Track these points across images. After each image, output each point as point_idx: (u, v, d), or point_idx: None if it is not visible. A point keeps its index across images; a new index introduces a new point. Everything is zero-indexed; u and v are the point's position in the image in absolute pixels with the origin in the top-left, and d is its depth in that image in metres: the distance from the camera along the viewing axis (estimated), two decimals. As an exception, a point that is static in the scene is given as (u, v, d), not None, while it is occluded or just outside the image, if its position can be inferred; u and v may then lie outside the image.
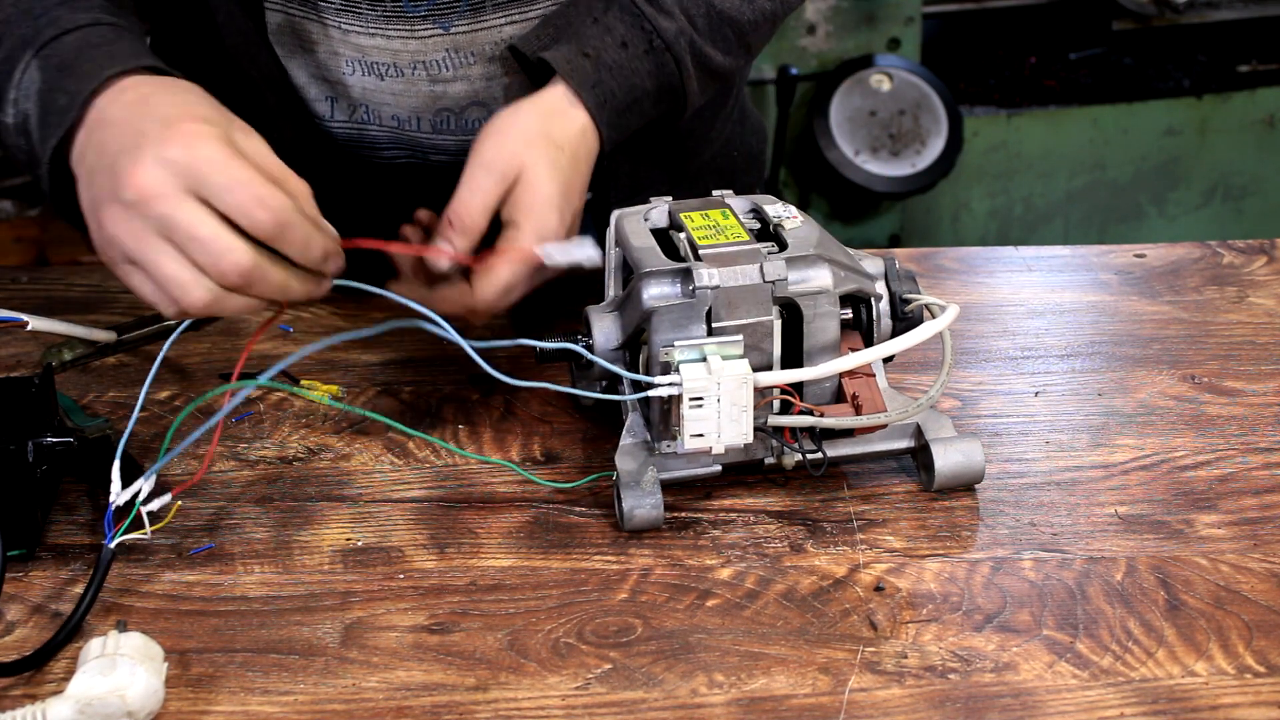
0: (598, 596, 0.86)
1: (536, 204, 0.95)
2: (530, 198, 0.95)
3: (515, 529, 0.91)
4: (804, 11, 2.80)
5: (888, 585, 0.86)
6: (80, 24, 0.92)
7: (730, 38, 1.08)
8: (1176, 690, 0.79)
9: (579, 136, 1.00)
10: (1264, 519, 0.92)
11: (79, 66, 0.89)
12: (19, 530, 0.88)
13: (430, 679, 0.80)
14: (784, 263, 0.88)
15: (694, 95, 1.07)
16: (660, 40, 1.03)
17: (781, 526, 0.91)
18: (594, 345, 0.93)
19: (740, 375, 0.86)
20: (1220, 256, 1.23)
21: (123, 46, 0.91)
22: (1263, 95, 3.02)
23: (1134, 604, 0.85)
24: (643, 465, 0.91)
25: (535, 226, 0.95)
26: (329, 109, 1.13)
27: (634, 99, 1.03)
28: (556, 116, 0.99)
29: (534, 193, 0.95)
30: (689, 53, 1.04)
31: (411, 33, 1.07)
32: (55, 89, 0.89)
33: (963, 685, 0.79)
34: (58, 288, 1.19)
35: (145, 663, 0.77)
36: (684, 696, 0.79)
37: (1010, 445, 0.99)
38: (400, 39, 1.07)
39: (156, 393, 1.05)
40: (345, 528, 0.92)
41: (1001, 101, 3.00)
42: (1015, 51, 3.13)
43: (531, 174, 0.95)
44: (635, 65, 1.02)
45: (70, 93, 0.88)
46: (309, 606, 0.85)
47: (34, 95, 0.90)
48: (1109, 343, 1.11)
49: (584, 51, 1.02)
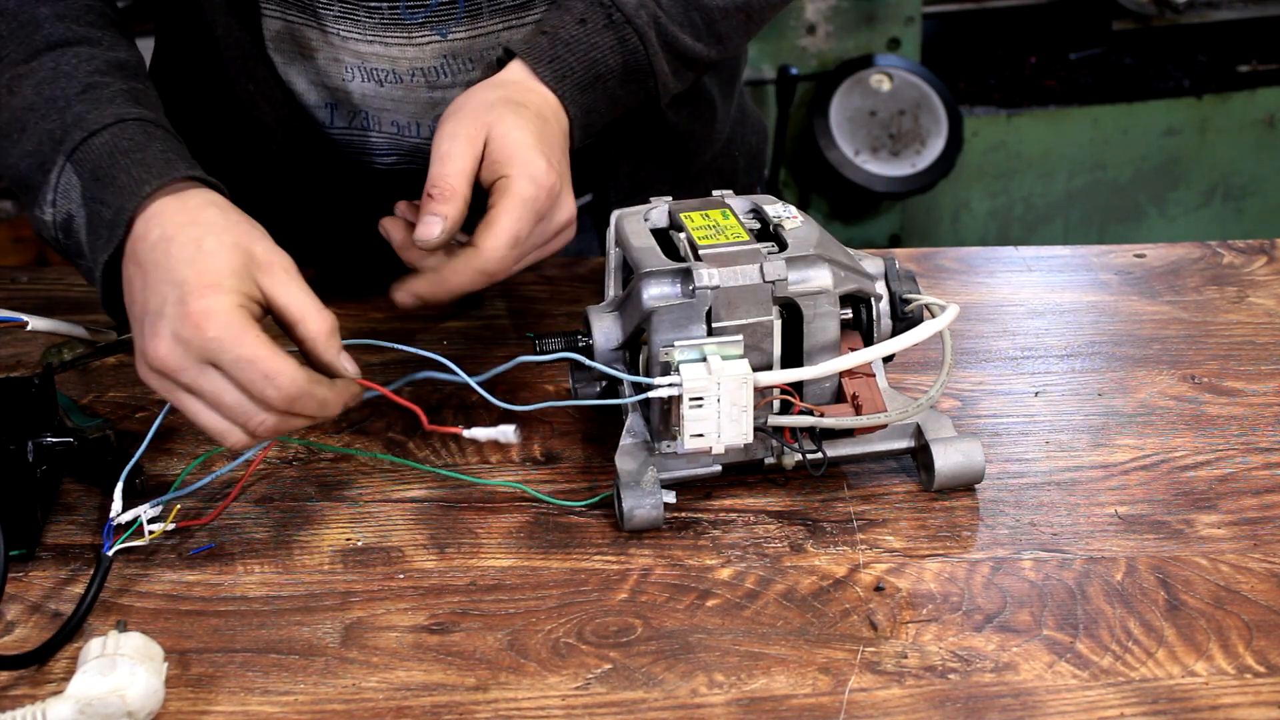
0: (598, 596, 0.86)
1: (516, 151, 0.93)
2: (507, 148, 0.93)
3: (515, 529, 0.91)
4: (804, 11, 2.80)
5: (888, 585, 0.86)
6: (106, 123, 0.92)
7: (699, 23, 1.06)
8: (1176, 690, 0.79)
9: (541, 101, 0.98)
10: (1264, 519, 0.92)
11: (115, 178, 0.90)
12: (19, 530, 0.88)
13: (430, 679, 0.80)
14: (784, 263, 0.88)
15: (664, 75, 1.05)
16: (620, 13, 1.02)
17: (781, 526, 0.91)
18: (594, 345, 0.93)
19: (740, 375, 0.86)
20: (1220, 256, 1.23)
21: (153, 152, 0.91)
22: (1263, 95, 3.02)
23: (1134, 604, 0.85)
24: (643, 465, 0.91)
25: (521, 170, 0.92)
26: (328, 115, 1.13)
27: (596, 75, 1.01)
28: (514, 86, 0.98)
29: (509, 142, 0.93)
30: (653, 28, 1.03)
31: (409, 40, 1.07)
32: (98, 200, 0.90)
33: (963, 685, 0.79)
34: (58, 288, 1.19)
35: (145, 663, 0.77)
36: (684, 696, 0.79)
37: (1010, 445, 0.99)
38: (398, 46, 1.07)
39: (154, 391, 1.05)
40: (345, 528, 0.92)
41: (1001, 101, 3.00)
42: (1015, 51, 3.13)
43: (500, 128, 0.93)
44: (595, 39, 1.01)
45: (113, 207, 0.89)
46: (309, 606, 0.85)
47: (77, 199, 0.91)
48: (1109, 343, 1.11)
49: (541, 30, 1.01)
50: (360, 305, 1.14)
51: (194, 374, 0.83)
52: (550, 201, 0.94)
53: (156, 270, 0.85)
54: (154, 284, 0.85)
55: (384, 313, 1.14)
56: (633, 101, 1.05)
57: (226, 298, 0.83)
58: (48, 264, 2.42)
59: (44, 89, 0.94)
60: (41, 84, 0.94)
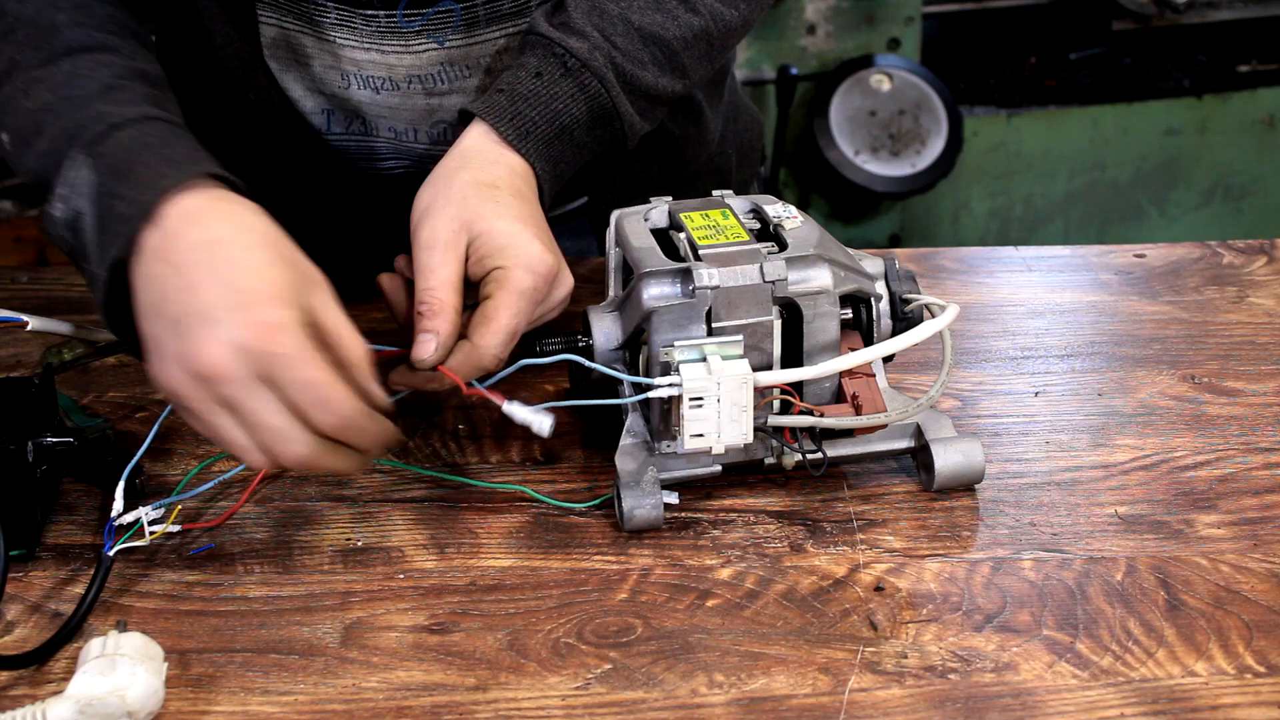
0: (598, 596, 0.86)
1: (508, 243, 0.90)
2: (496, 240, 0.90)
3: (515, 529, 0.91)
4: (804, 11, 2.80)
5: (888, 585, 0.86)
6: (130, 118, 0.88)
7: (659, 56, 1.03)
8: (1176, 690, 0.79)
9: (509, 174, 0.95)
10: (1264, 519, 0.92)
11: (137, 172, 0.85)
12: (19, 530, 0.88)
13: (430, 679, 0.80)
14: (784, 263, 0.88)
15: (629, 116, 1.02)
16: (574, 59, 0.99)
17: (781, 526, 0.91)
18: (594, 345, 0.93)
19: (740, 375, 0.86)
20: (1220, 256, 1.23)
21: (179, 149, 0.88)
22: (1263, 95, 3.02)
23: (1134, 604, 0.85)
24: (643, 465, 0.91)
25: (516, 261, 0.89)
26: (325, 121, 1.13)
27: (561, 126, 0.98)
28: (479, 159, 0.95)
29: (496, 234, 0.90)
30: (610, 68, 1.00)
31: (406, 47, 1.07)
32: (114, 195, 0.85)
33: (963, 685, 0.79)
34: (58, 288, 1.19)
35: (145, 663, 0.77)
36: (684, 696, 0.79)
37: (1010, 445, 0.99)
38: (395, 54, 1.07)
39: (156, 392, 1.05)
40: (345, 528, 0.92)
41: (1001, 101, 3.00)
42: (1015, 51, 3.13)
43: (481, 224, 0.90)
44: (554, 90, 0.98)
45: (131, 201, 0.84)
46: (309, 607, 0.85)
47: (89, 195, 0.86)
48: (1109, 343, 1.11)
49: (498, 89, 0.98)
50: (361, 306, 1.14)
51: (242, 387, 0.79)
52: (549, 285, 0.91)
53: (201, 271, 0.80)
54: (200, 286, 0.80)
55: (384, 313, 1.14)
56: (599, 147, 1.03)
57: (293, 313, 0.80)
58: (48, 264, 2.43)
59: (60, 90, 0.91)
60: (58, 86, 0.91)
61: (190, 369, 0.79)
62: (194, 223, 0.82)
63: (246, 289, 0.80)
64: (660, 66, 1.03)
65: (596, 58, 0.99)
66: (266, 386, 0.79)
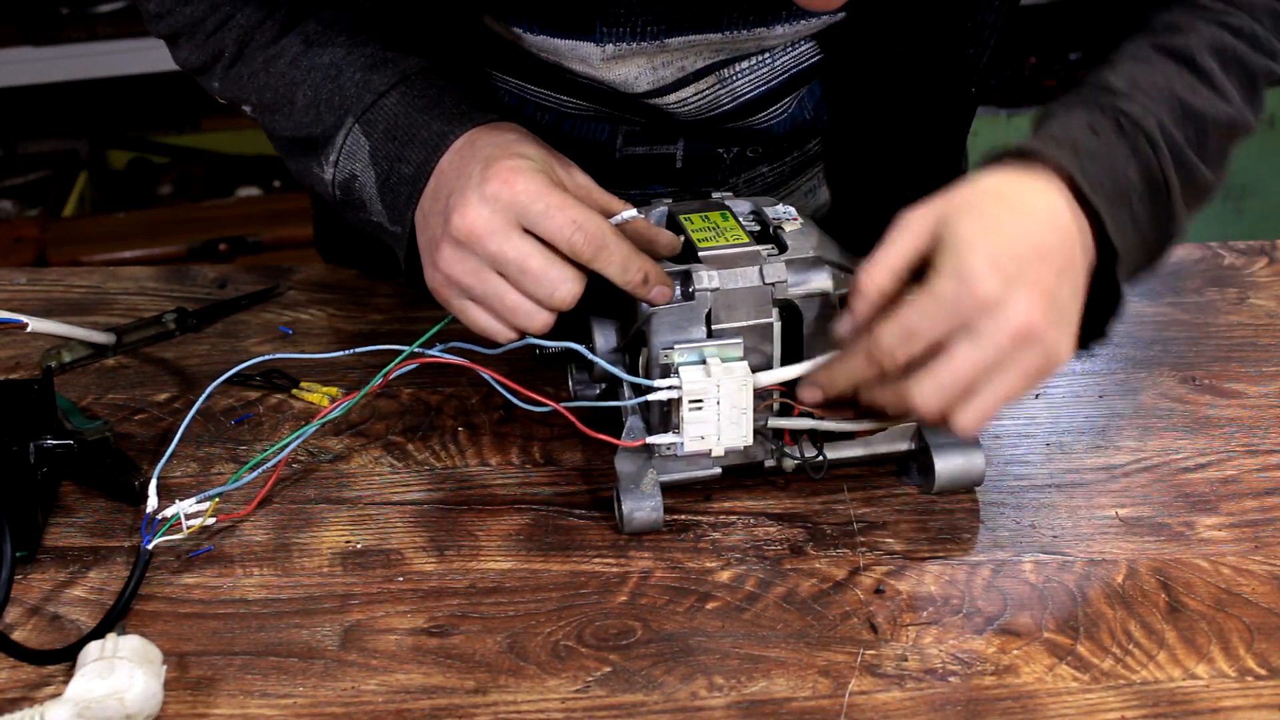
0: (597, 599, 0.86)
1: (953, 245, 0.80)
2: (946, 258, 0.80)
3: (515, 531, 0.91)
4: (804, 11, 2.80)
5: (888, 588, 0.86)
6: (393, 83, 0.93)
7: (1203, 139, 0.90)
8: (1177, 693, 0.78)
9: (1048, 215, 0.82)
10: (1265, 521, 0.91)
11: (415, 133, 0.91)
12: (19, 532, 0.87)
13: (429, 682, 0.80)
14: (784, 265, 0.88)
15: (1175, 194, 0.88)
16: (1128, 120, 0.87)
17: (781, 529, 0.91)
18: (594, 347, 0.93)
19: (740, 377, 0.86)
20: (1221, 258, 1.23)
21: (447, 106, 0.92)
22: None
23: (1135, 606, 0.84)
24: (642, 468, 0.91)
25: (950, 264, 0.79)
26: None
27: (1121, 190, 0.85)
28: (1021, 186, 0.84)
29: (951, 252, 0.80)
30: (1160, 134, 0.87)
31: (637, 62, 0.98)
32: (395, 158, 0.91)
33: (963, 688, 0.79)
34: (57, 289, 1.19)
35: (144, 665, 0.77)
36: (684, 699, 0.78)
37: (1010, 447, 0.99)
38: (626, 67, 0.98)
39: (156, 394, 1.05)
40: (344, 530, 0.92)
41: (1001, 101, 3.00)
42: (1015, 51, 3.13)
43: (951, 230, 0.80)
44: (1110, 150, 0.86)
45: (414, 163, 0.90)
46: (308, 609, 0.85)
47: (365, 159, 0.93)
48: (1109, 344, 1.11)
49: (1052, 137, 0.86)
50: (360, 306, 1.14)
51: (500, 240, 0.83)
52: (979, 311, 0.79)
53: (459, 162, 0.87)
54: (458, 173, 0.87)
55: (382, 314, 1.14)
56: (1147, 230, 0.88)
57: (530, 162, 0.85)
58: (47, 264, 2.43)
59: (301, 60, 0.95)
60: (298, 57, 0.95)
61: (455, 237, 0.84)
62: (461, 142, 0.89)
63: (490, 157, 0.86)
64: (1203, 147, 0.91)
65: (1149, 121, 0.87)
66: (523, 233, 0.84)
